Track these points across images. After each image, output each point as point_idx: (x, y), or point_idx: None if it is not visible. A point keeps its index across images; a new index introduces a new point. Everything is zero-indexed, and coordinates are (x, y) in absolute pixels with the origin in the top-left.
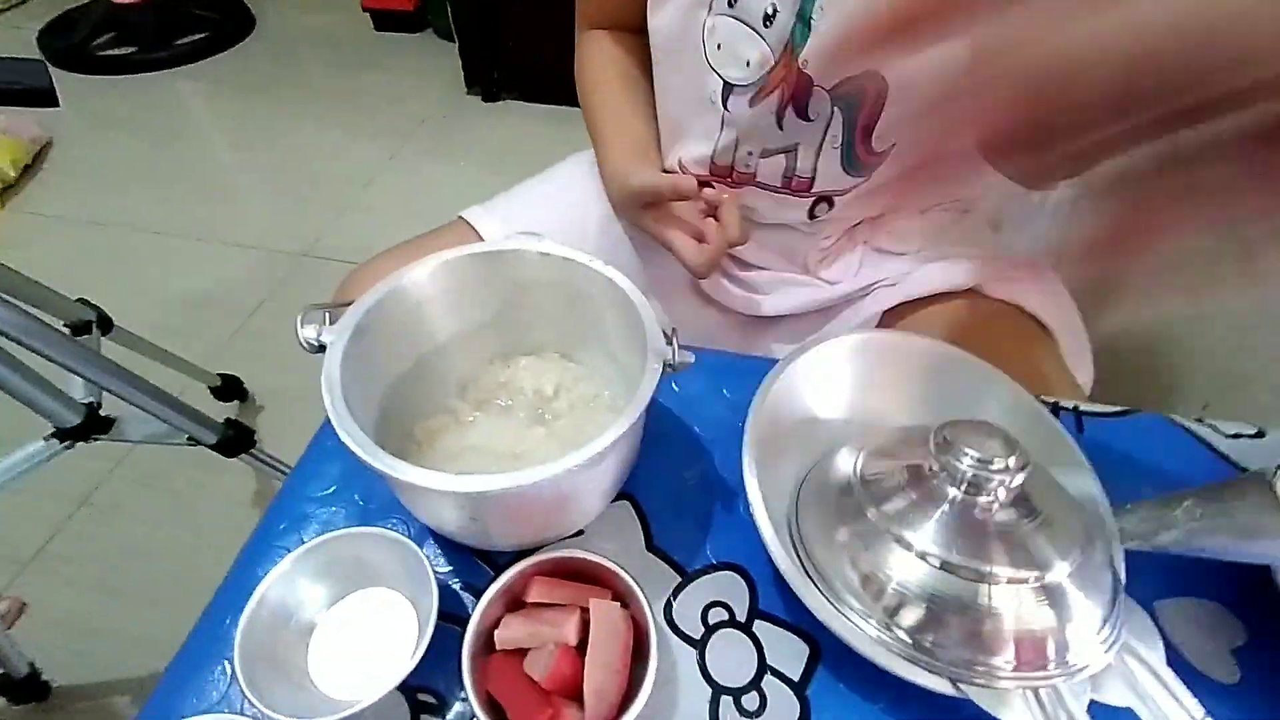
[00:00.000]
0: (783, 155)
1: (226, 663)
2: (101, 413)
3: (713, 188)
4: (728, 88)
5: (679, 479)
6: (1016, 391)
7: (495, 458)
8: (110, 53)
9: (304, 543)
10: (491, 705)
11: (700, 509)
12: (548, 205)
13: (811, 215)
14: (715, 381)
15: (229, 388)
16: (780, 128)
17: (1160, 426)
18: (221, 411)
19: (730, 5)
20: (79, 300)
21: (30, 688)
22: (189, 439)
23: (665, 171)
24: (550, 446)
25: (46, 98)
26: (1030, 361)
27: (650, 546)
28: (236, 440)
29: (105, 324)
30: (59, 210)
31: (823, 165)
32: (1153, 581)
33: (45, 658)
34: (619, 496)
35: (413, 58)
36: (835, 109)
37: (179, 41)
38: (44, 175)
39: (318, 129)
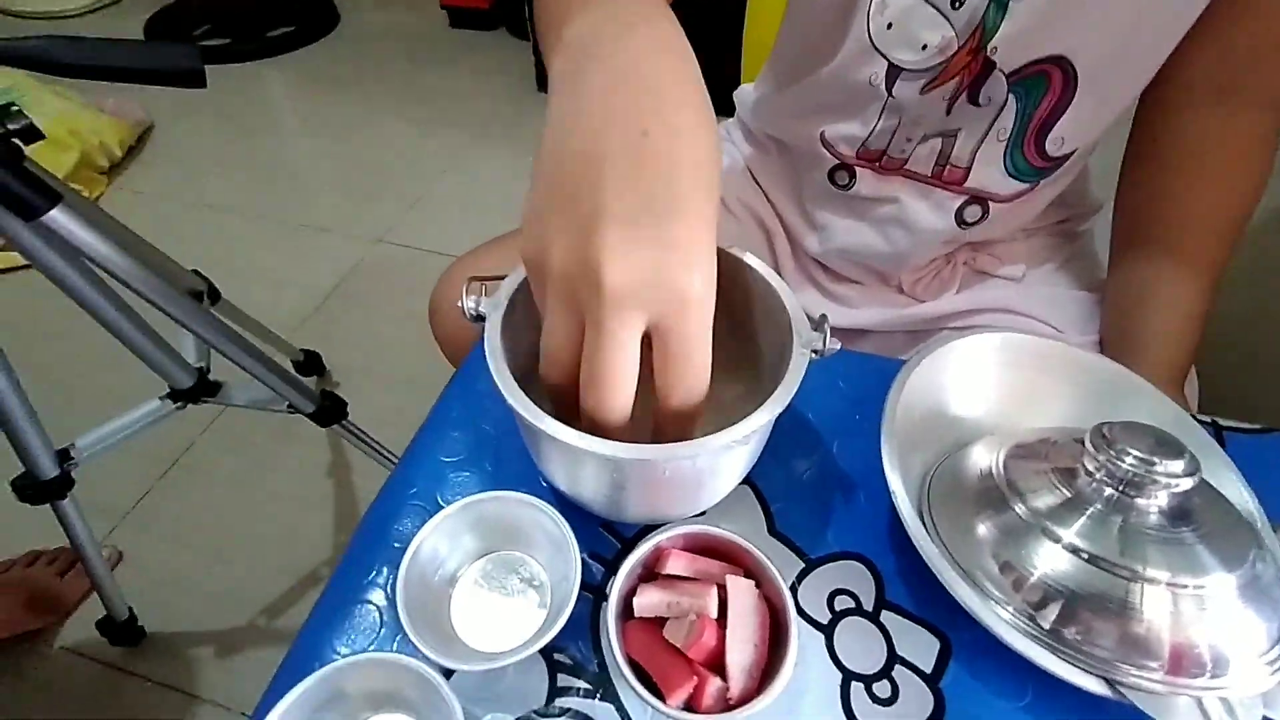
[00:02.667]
0: (940, 139)
1: (370, 608)
2: (210, 377)
3: None
4: (894, 71)
5: (798, 468)
6: (1162, 402)
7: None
8: (206, 43)
9: (439, 502)
10: (633, 669)
11: (820, 498)
12: None
13: (961, 221)
14: (831, 375)
15: (310, 362)
16: (948, 114)
17: None
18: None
19: None
20: (193, 271)
21: (128, 631)
22: (289, 406)
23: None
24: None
25: (197, 78)
26: None
27: (772, 531)
28: (331, 410)
29: (214, 295)
30: (158, 189)
31: (982, 158)
32: None
33: (138, 605)
34: (740, 480)
35: (486, 55)
36: (1011, 95)
37: (269, 34)
38: (145, 156)
39: (394, 122)
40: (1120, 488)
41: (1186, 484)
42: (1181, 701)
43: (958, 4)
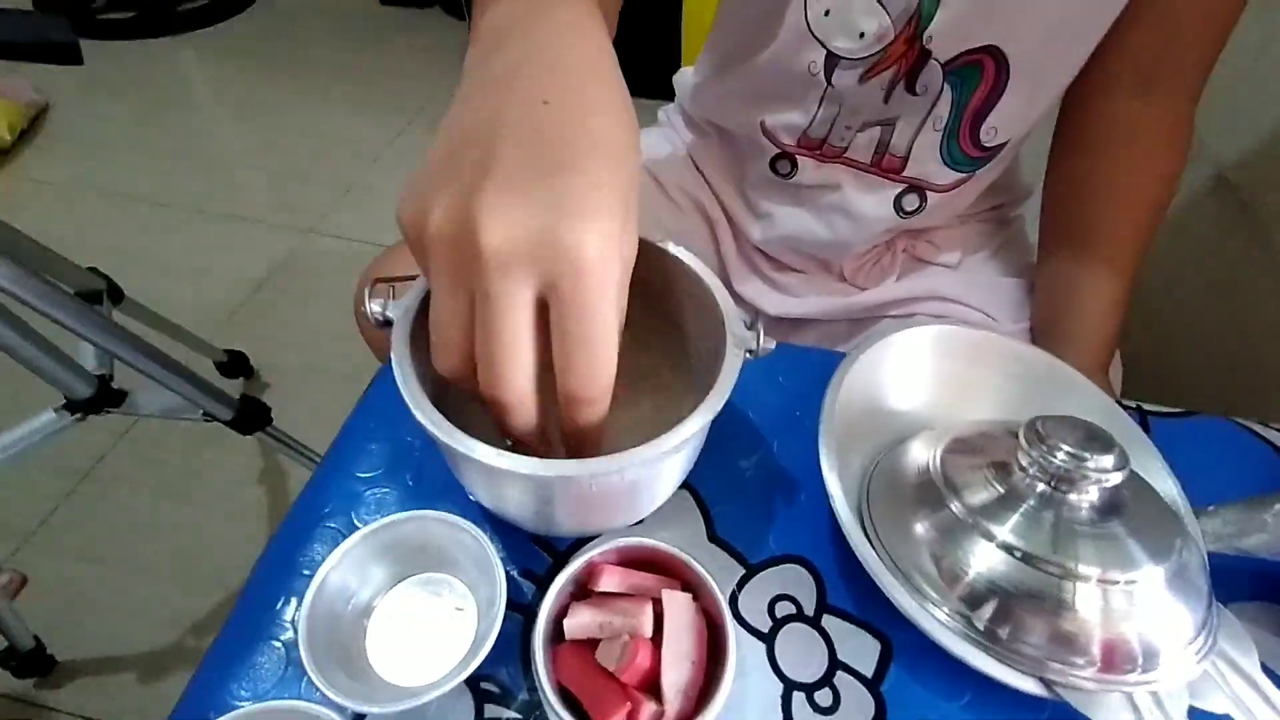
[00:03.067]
0: (879, 128)
1: (275, 645)
2: (113, 385)
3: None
4: (833, 59)
5: (737, 468)
6: (1092, 392)
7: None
8: (109, 16)
9: (354, 523)
10: (562, 696)
11: (761, 499)
12: None
13: (900, 209)
14: (771, 371)
15: (235, 363)
16: (885, 102)
17: (1226, 429)
18: (228, 388)
19: None
20: (89, 269)
21: (35, 661)
22: (204, 414)
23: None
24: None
25: (70, 53)
26: None
27: (712, 537)
28: (252, 416)
29: (116, 294)
30: (56, 177)
31: (919, 147)
32: (1223, 584)
33: (48, 631)
34: (679, 485)
35: (419, 33)
36: (946, 85)
37: (180, 8)
38: (40, 140)
39: (322, 104)
40: (1052, 483)
41: (1116, 478)
42: (1113, 697)
43: None
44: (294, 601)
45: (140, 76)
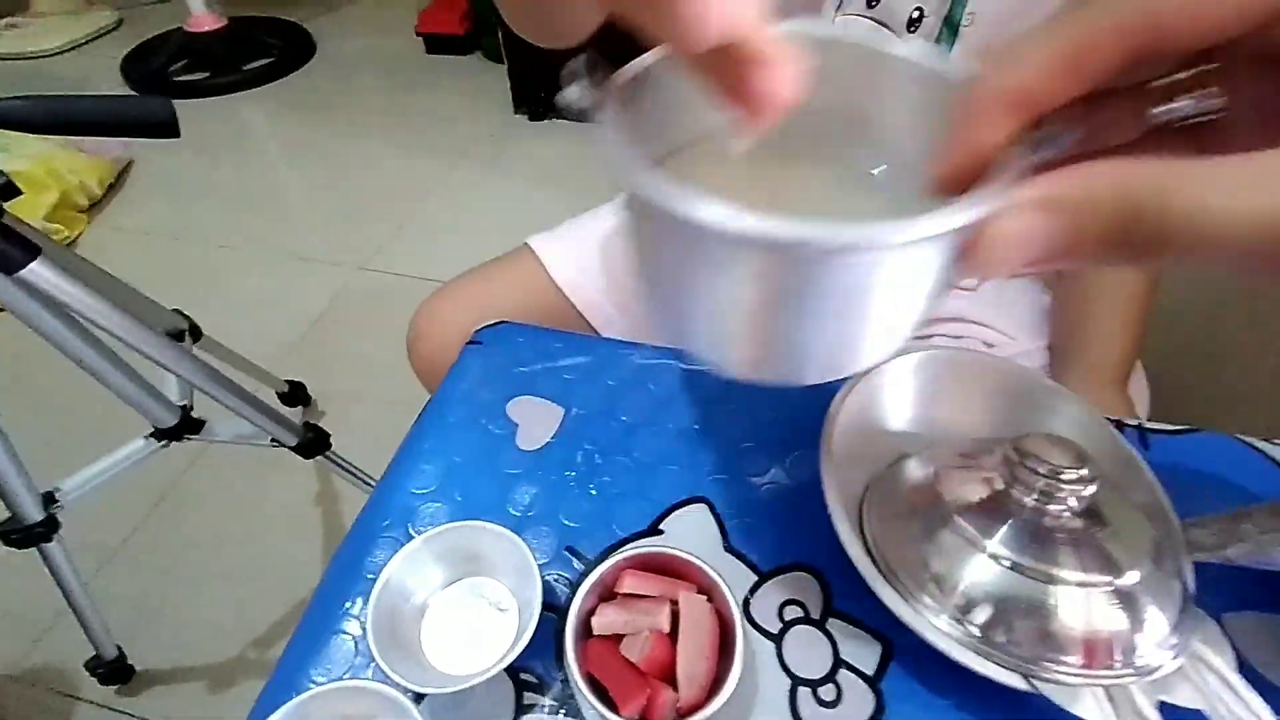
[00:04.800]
0: None
1: (347, 637)
2: (193, 414)
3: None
4: None
5: (750, 485)
6: (1083, 409)
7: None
8: (185, 78)
9: (410, 533)
10: (591, 684)
11: (773, 513)
12: (609, 234)
13: None
14: (782, 395)
15: (295, 393)
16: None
17: (1225, 444)
18: (289, 416)
19: (870, 5)
20: (174, 310)
21: (117, 670)
22: (272, 440)
23: None
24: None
25: (170, 129)
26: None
27: (727, 547)
28: (314, 442)
29: (196, 333)
30: (139, 225)
31: None
32: (1222, 595)
33: (128, 642)
34: (695, 499)
35: (463, 79)
36: None
37: (247, 67)
38: (126, 192)
39: (375, 148)
40: (1035, 497)
41: (1090, 489)
42: (1089, 691)
43: (913, 28)
44: (359, 600)
45: (212, 130)
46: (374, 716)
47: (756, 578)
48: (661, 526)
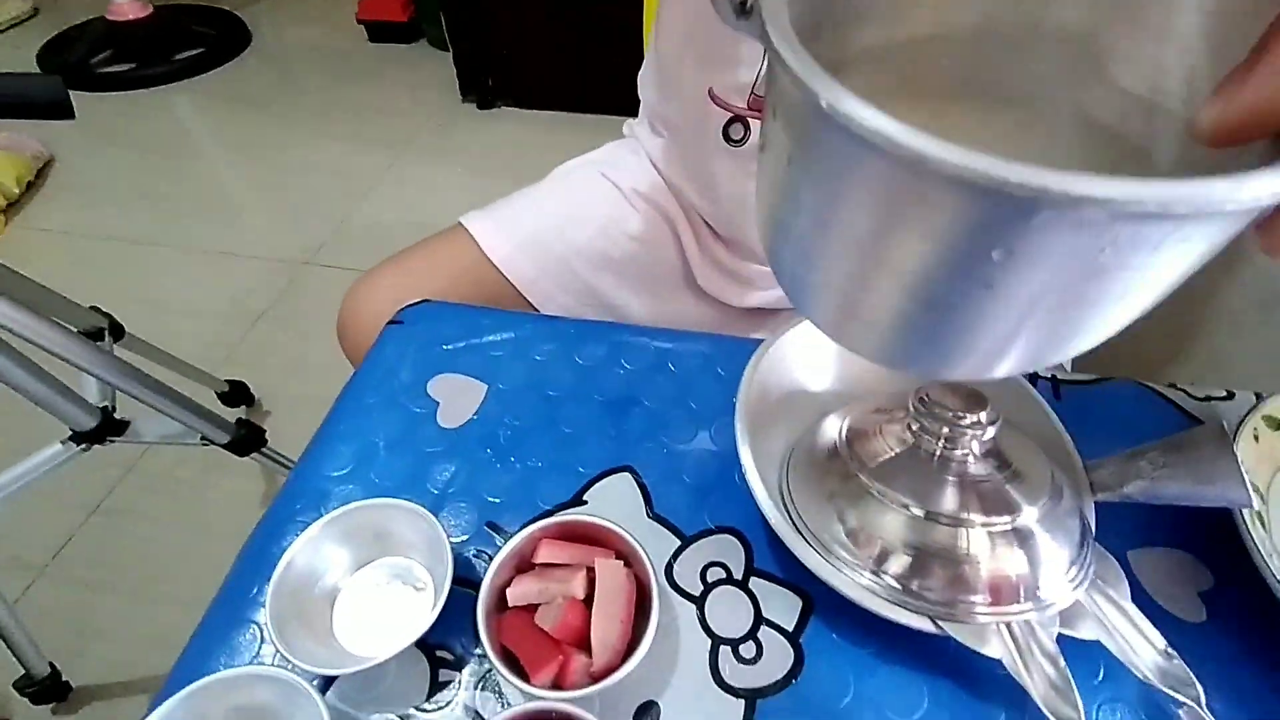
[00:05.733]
0: None
1: (253, 625)
2: (115, 415)
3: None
4: None
5: (676, 452)
6: None
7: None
8: (109, 69)
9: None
10: (506, 658)
11: (697, 479)
12: (545, 210)
13: None
14: (709, 362)
15: (236, 393)
16: None
17: (1133, 391)
18: (230, 416)
19: None
20: (91, 308)
21: (51, 688)
22: (202, 438)
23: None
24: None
25: (63, 110)
26: None
27: (651, 514)
28: (248, 439)
29: (117, 331)
30: (62, 225)
31: None
32: (1127, 532)
33: (64, 659)
34: (620, 469)
35: (407, 68)
36: None
37: (177, 57)
38: (46, 191)
39: (315, 140)
40: (940, 444)
41: (991, 432)
42: (990, 629)
43: None
44: (266, 588)
45: (140, 125)
46: (272, 704)
47: (680, 542)
48: (585, 497)
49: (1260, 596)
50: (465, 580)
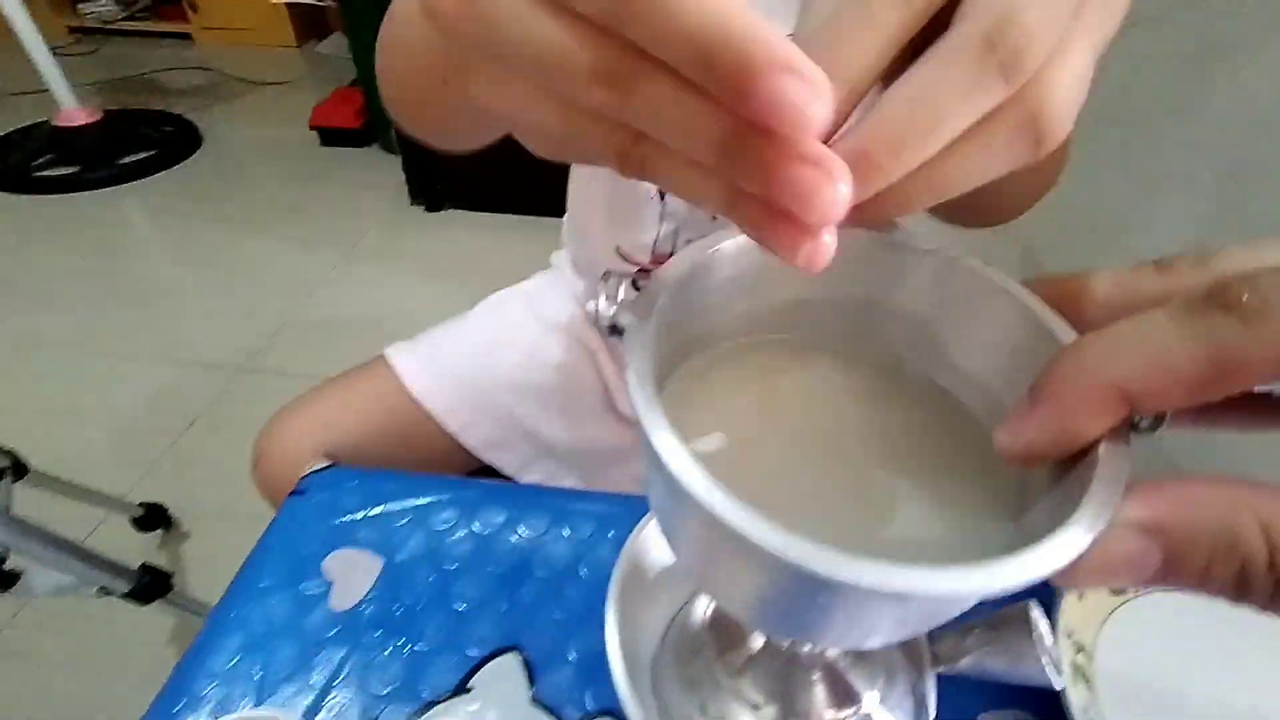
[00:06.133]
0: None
1: None
2: (5, 566)
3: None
4: None
5: (564, 626)
6: None
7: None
8: (50, 173)
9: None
10: None
11: (583, 655)
12: (469, 339)
13: None
14: (604, 524)
15: (151, 516)
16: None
17: None
18: (143, 542)
19: None
20: None
21: None
22: (100, 589)
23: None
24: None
25: None
26: None
27: (534, 699)
28: (151, 587)
29: (20, 470)
30: None
31: None
32: (980, 695)
33: None
34: (507, 648)
35: (358, 171)
36: None
37: (123, 160)
38: None
39: (262, 241)
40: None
41: None
42: None
43: None
44: None
45: (80, 228)
46: None
47: None
48: (471, 684)
49: None
50: None
